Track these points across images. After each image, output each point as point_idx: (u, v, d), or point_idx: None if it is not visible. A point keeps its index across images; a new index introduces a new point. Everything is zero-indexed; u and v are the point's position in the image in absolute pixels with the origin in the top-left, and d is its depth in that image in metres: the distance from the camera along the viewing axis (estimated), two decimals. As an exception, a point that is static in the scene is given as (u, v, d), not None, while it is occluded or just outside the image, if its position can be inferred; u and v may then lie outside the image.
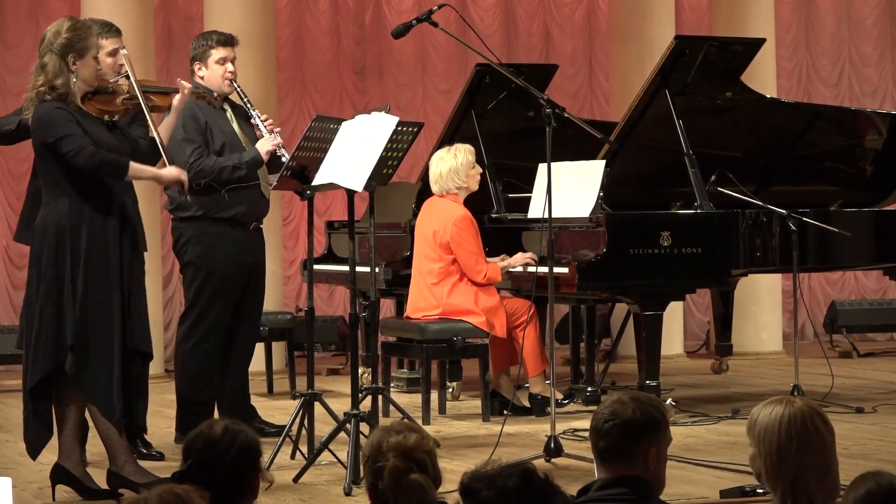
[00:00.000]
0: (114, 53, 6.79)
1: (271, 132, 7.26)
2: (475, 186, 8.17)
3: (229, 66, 7.33)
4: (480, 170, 8.24)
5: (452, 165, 8.08)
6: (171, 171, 6.02)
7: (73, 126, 5.76)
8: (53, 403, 5.92)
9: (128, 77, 6.08)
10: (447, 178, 8.09)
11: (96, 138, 5.81)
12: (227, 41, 7.38)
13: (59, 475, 5.91)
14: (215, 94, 7.25)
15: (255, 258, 7.39)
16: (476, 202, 8.31)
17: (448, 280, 8.01)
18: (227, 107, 7.40)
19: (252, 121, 7.34)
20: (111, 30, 6.87)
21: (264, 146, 7.20)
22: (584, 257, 7.69)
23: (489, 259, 8.11)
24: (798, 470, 3.28)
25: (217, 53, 7.32)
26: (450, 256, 8.00)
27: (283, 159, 7.01)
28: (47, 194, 5.87)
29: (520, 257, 8.15)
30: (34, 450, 5.98)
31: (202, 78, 7.33)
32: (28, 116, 5.93)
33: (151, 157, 6.05)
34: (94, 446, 6.36)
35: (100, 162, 5.77)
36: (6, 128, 6.85)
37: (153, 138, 6.02)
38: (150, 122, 6.05)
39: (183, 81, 6.44)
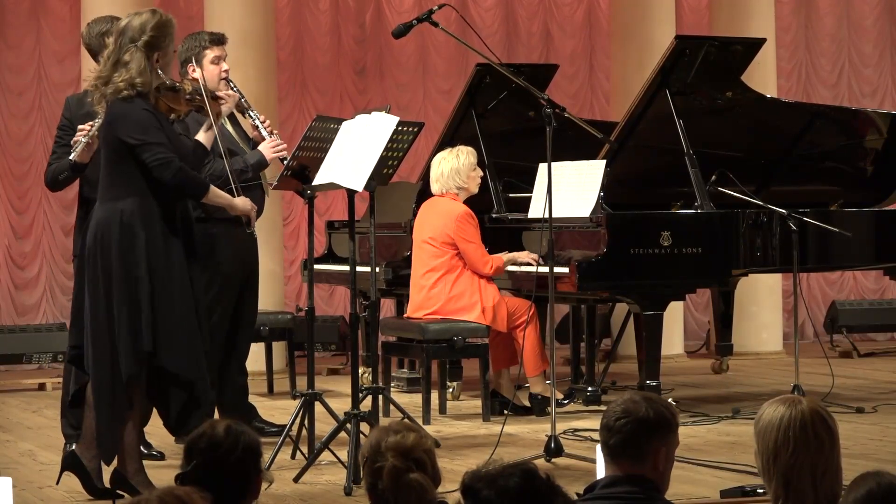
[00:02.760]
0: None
1: (271, 133, 7.25)
2: (475, 189, 8.19)
3: (224, 65, 7.33)
4: (481, 173, 8.26)
5: (455, 166, 8.09)
6: (244, 202, 6.07)
7: (161, 134, 5.68)
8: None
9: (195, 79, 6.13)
10: (448, 178, 8.10)
11: (172, 139, 5.78)
12: (220, 40, 7.38)
13: (71, 463, 5.86)
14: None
15: (252, 258, 7.40)
16: (476, 202, 8.31)
17: (450, 275, 8.02)
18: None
19: (251, 122, 7.34)
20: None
21: (268, 151, 7.19)
22: (584, 257, 7.69)
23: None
24: (791, 470, 3.29)
25: (211, 53, 7.31)
26: (452, 251, 8.01)
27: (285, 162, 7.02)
28: (114, 190, 5.73)
29: (525, 254, 8.14)
30: (113, 450, 5.76)
31: (195, 80, 7.32)
32: (98, 106, 5.80)
33: (200, 158, 6.05)
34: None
35: (184, 180, 5.72)
36: (62, 176, 6.71)
37: (199, 142, 6.05)
38: (213, 125, 6.05)
39: (229, 91, 6.47)
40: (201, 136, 6.13)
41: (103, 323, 5.66)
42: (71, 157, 6.50)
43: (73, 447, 5.94)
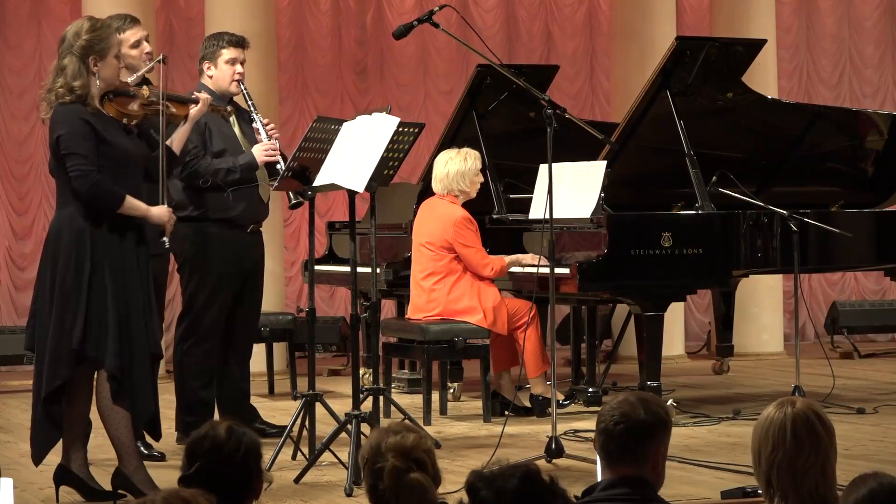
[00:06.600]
0: (137, 45, 6.83)
1: (270, 138, 7.24)
2: (474, 194, 8.19)
3: (238, 68, 7.33)
4: (482, 179, 8.25)
5: (461, 168, 8.08)
6: (161, 212, 5.93)
7: (87, 144, 5.70)
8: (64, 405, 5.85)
9: (145, 83, 6.10)
10: (453, 180, 8.08)
11: (113, 142, 5.76)
12: (239, 42, 7.38)
13: (63, 477, 5.89)
14: (228, 108, 7.23)
15: (252, 260, 7.38)
16: (477, 203, 8.31)
17: (449, 278, 8.01)
18: (230, 108, 7.39)
19: (254, 124, 7.33)
20: (130, 20, 6.88)
21: (260, 153, 7.18)
22: (585, 258, 7.69)
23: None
24: (771, 469, 3.33)
25: (227, 54, 7.33)
26: (450, 255, 8.01)
27: (279, 167, 7.01)
28: (63, 196, 5.80)
29: (529, 257, 8.13)
30: (42, 453, 5.84)
31: (211, 77, 7.33)
32: (46, 117, 5.84)
33: (170, 162, 6.02)
34: (98, 446, 6.37)
35: (98, 193, 5.71)
36: None
37: (158, 152, 6.00)
38: (161, 132, 6.02)
39: (202, 94, 6.46)
40: (172, 141, 6.13)
41: (45, 327, 5.73)
42: None
43: (61, 462, 5.93)
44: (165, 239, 6.01)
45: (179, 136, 6.25)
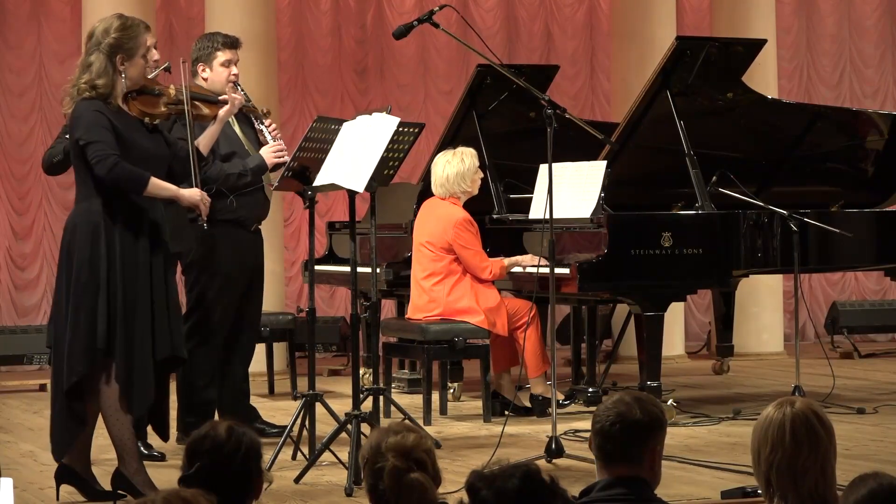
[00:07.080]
0: (147, 50, 6.83)
1: (275, 139, 7.24)
2: (476, 191, 8.19)
3: (233, 69, 7.32)
4: (482, 174, 8.25)
5: (460, 170, 8.07)
6: (192, 193, 5.92)
7: (106, 133, 5.70)
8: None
9: (152, 75, 6.10)
10: (454, 183, 8.07)
11: (131, 141, 5.75)
12: (233, 44, 7.36)
13: (65, 475, 5.89)
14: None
15: (255, 259, 7.40)
16: (477, 203, 8.31)
17: (449, 279, 8.01)
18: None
19: (256, 125, 7.33)
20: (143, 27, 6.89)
21: (270, 155, 7.18)
22: (585, 258, 7.69)
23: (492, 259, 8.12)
24: (770, 470, 3.33)
25: (222, 56, 7.30)
26: (450, 256, 8.00)
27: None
28: (80, 192, 5.80)
29: (528, 258, 8.12)
30: (63, 448, 5.81)
31: (205, 80, 7.32)
32: (67, 111, 5.86)
33: (188, 164, 6.01)
34: (98, 446, 6.36)
35: (120, 175, 5.69)
36: (56, 158, 6.81)
37: (188, 150, 5.98)
38: (188, 133, 6.02)
39: (234, 94, 6.49)
40: (200, 142, 6.14)
41: (63, 323, 5.72)
42: None
43: (63, 460, 5.92)
44: (203, 221, 6.01)
45: (207, 139, 6.25)
